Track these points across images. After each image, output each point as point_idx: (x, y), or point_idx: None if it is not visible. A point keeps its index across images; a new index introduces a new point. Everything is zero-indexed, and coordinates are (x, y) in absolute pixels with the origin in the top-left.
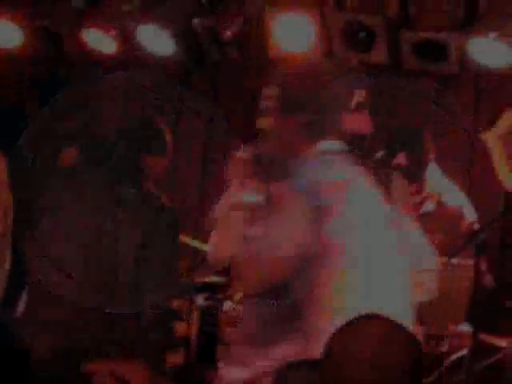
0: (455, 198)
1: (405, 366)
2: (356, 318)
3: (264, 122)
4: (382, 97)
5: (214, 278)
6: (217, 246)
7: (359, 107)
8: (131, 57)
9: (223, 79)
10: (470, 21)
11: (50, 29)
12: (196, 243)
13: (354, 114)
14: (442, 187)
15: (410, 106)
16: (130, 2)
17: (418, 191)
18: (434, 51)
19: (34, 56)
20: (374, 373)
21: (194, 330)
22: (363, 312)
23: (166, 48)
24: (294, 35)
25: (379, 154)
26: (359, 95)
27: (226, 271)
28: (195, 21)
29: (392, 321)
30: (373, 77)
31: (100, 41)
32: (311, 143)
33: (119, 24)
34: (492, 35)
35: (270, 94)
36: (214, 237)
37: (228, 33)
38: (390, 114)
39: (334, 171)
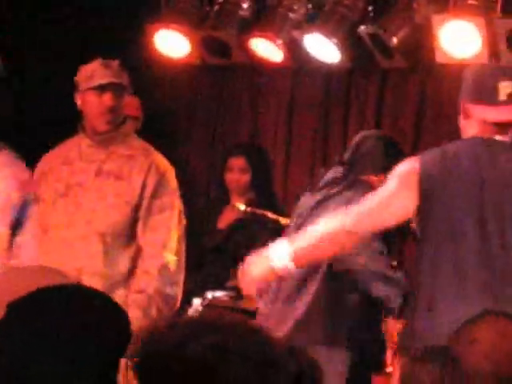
0: None
1: None
2: (478, 315)
3: None
4: None
5: None
6: None
7: (510, 99)
8: (297, 65)
9: (389, 86)
10: None
11: (218, 38)
12: None
13: (503, 106)
14: None
15: None
16: (296, 12)
17: None
18: None
19: (200, 65)
20: (490, 365)
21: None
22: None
23: (332, 56)
24: (460, 41)
25: None
26: (506, 87)
27: None
28: (361, 28)
29: (508, 318)
30: None
31: (267, 50)
32: None
33: (286, 33)
34: None
35: None
36: None
37: (394, 40)
38: None
39: None
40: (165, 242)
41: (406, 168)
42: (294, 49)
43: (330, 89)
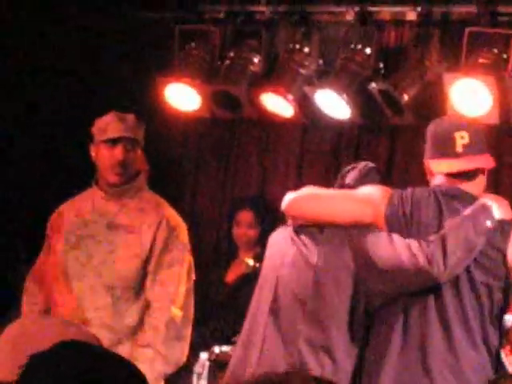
0: None
1: None
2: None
3: None
4: None
5: None
6: None
7: (466, 149)
8: (308, 121)
9: (399, 143)
10: None
11: (228, 92)
12: None
13: (461, 157)
14: None
15: None
16: (307, 67)
17: None
18: None
19: (210, 119)
20: None
21: None
22: None
23: (343, 112)
24: (471, 100)
25: None
26: (461, 138)
27: None
28: (372, 85)
29: None
30: None
31: (278, 105)
32: None
33: (297, 89)
34: None
35: None
36: None
37: (405, 97)
38: None
39: None
40: (173, 297)
41: (379, 197)
42: (304, 104)
43: (340, 145)
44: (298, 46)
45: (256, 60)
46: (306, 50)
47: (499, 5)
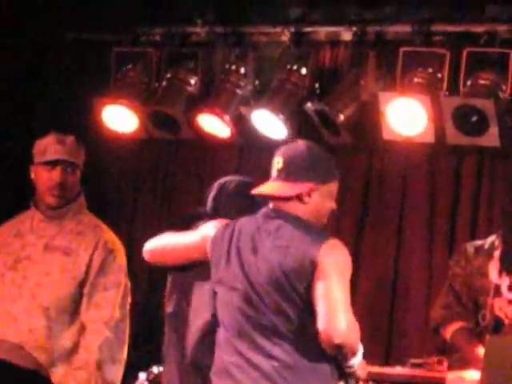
0: None
1: None
2: None
3: None
4: (497, 180)
5: None
6: None
7: (278, 174)
8: (244, 141)
9: (336, 163)
10: None
11: (166, 113)
12: None
13: (273, 181)
14: None
15: None
16: (243, 88)
17: None
18: None
19: (148, 140)
20: None
21: None
22: None
23: (279, 132)
24: (406, 119)
25: (493, 238)
26: (277, 163)
27: None
28: (308, 105)
29: None
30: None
31: (214, 126)
32: None
33: (233, 109)
34: None
35: None
36: None
37: (341, 117)
38: (505, 198)
39: None
40: (107, 320)
41: (208, 234)
42: (241, 125)
43: None
44: (234, 67)
45: (193, 81)
46: (242, 70)
47: (433, 24)
